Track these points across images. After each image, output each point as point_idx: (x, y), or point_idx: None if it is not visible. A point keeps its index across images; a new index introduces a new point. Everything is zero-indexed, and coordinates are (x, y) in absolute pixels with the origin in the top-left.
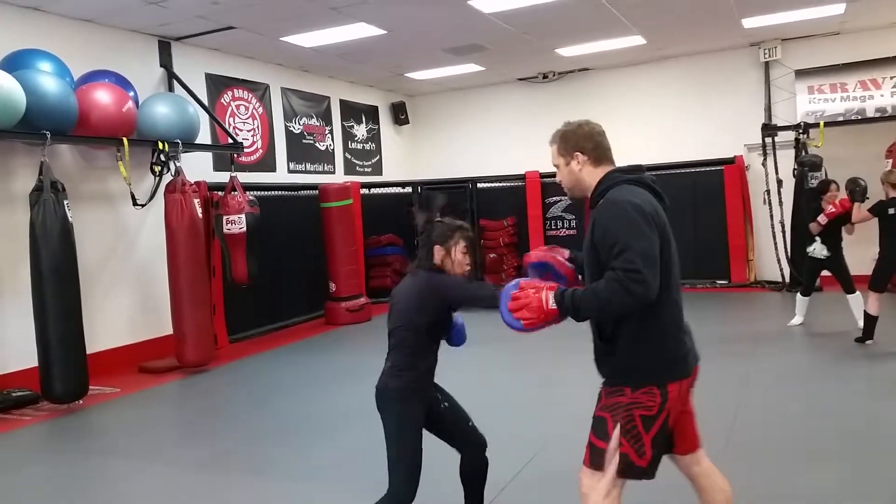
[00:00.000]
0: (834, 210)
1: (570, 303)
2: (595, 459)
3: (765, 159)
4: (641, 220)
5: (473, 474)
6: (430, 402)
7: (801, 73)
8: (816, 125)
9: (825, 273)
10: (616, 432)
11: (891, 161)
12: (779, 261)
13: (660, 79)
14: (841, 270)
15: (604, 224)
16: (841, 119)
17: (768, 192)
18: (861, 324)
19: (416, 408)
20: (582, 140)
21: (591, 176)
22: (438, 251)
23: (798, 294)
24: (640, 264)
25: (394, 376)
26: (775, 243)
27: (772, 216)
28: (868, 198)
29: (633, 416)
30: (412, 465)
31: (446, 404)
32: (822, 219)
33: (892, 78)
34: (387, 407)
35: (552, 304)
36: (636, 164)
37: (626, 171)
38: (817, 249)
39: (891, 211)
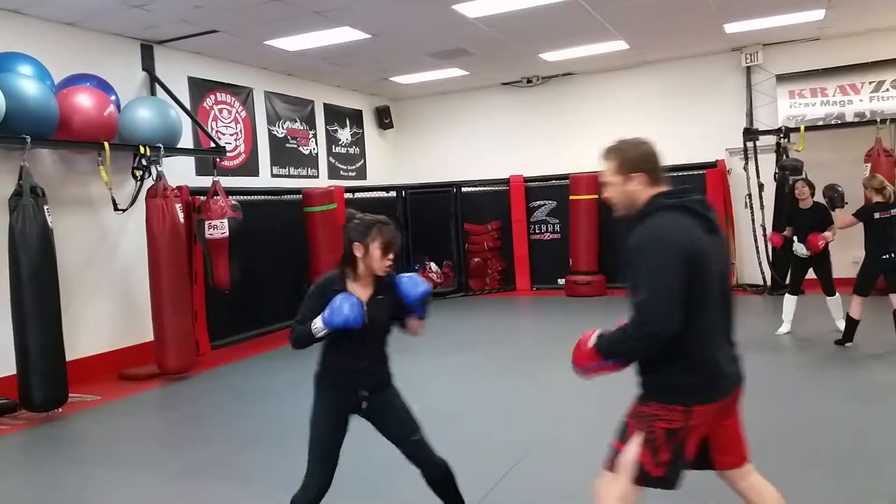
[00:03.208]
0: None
1: (605, 344)
2: (612, 462)
3: (746, 163)
4: (661, 252)
5: (438, 483)
6: (351, 403)
7: (781, 78)
8: (797, 129)
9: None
10: (635, 440)
11: (869, 165)
12: (760, 264)
13: (642, 83)
14: (824, 271)
15: (632, 254)
16: (821, 123)
17: (750, 195)
18: (840, 325)
19: (328, 400)
20: (641, 161)
21: (644, 196)
22: (357, 248)
23: (786, 294)
24: (650, 312)
25: (317, 363)
26: (756, 247)
27: (753, 220)
28: (847, 202)
29: (655, 427)
30: (319, 453)
31: (382, 413)
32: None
33: (870, 83)
34: (314, 391)
35: (591, 344)
36: (683, 186)
37: (672, 194)
38: (798, 249)
39: (876, 215)
